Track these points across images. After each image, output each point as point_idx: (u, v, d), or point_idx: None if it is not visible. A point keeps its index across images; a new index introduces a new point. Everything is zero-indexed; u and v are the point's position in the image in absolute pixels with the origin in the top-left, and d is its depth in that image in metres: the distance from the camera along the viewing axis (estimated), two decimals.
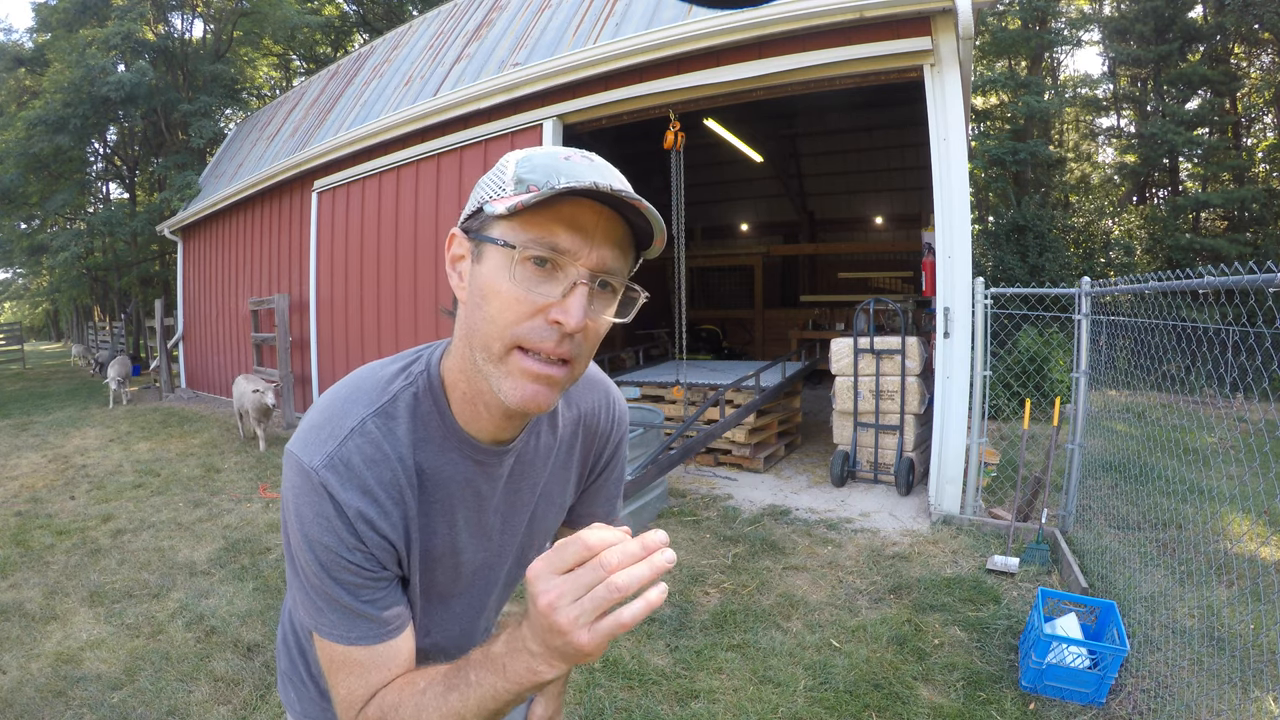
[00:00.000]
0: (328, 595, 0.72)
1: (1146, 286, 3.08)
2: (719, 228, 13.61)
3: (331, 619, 0.73)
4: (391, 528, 0.74)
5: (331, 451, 0.71)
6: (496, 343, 0.68)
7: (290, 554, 0.75)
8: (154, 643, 3.01)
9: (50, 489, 5.56)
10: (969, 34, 4.06)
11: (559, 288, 0.66)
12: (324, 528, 0.70)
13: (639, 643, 2.89)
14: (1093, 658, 2.46)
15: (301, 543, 0.71)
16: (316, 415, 0.75)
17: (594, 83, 5.43)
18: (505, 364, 0.69)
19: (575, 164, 0.68)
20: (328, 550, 0.71)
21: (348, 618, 0.73)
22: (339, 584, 0.72)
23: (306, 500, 0.71)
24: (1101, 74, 17.79)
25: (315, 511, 0.70)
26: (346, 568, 0.72)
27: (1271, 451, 2.65)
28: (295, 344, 8.53)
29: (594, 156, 0.71)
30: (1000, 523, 4.03)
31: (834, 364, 5.22)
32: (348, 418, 0.73)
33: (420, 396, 0.77)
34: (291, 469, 0.72)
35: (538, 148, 0.73)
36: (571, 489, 0.97)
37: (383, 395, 0.75)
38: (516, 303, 0.66)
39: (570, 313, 0.65)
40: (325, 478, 0.70)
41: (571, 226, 0.66)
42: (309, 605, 0.74)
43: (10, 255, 19.74)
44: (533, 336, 0.67)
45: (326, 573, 0.71)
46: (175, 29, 16.38)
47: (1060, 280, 10.24)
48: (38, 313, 46.08)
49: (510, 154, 0.73)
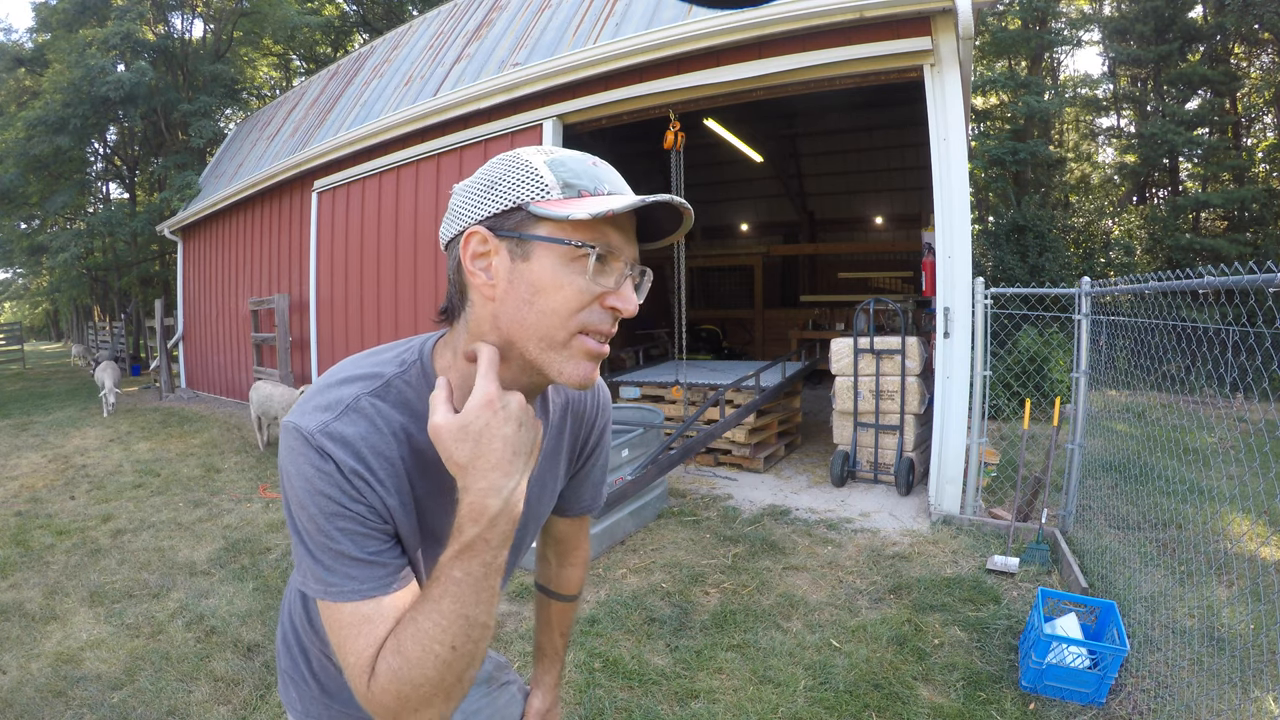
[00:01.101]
0: (333, 550, 0.72)
1: (1146, 286, 3.08)
2: (719, 228, 13.61)
3: (339, 575, 0.72)
4: (386, 494, 0.75)
5: (328, 421, 0.74)
6: (561, 331, 0.74)
7: (294, 524, 0.75)
8: (154, 643, 3.01)
9: (50, 489, 5.56)
10: (969, 34, 4.06)
11: (611, 279, 0.75)
12: (325, 480, 0.72)
13: (639, 643, 2.90)
14: (1093, 658, 2.46)
15: (304, 498, 0.72)
16: (312, 393, 0.78)
17: (594, 83, 5.43)
18: (569, 348, 0.75)
19: (603, 169, 0.77)
20: (329, 500, 0.72)
21: (354, 568, 0.72)
22: (343, 533, 0.72)
23: (305, 458, 0.72)
24: (1101, 74, 17.79)
25: (315, 467, 0.72)
26: (349, 516, 0.73)
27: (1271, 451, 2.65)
28: (295, 344, 8.53)
29: (605, 164, 0.79)
30: (1000, 523, 4.04)
31: (834, 364, 5.22)
32: (345, 393, 0.76)
33: (414, 384, 0.79)
34: (289, 436, 0.74)
35: (556, 149, 0.78)
36: (561, 474, 1.00)
37: (378, 378, 0.79)
38: (581, 294, 0.73)
39: (628, 300, 0.76)
40: (322, 441, 0.73)
41: (617, 227, 0.75)
42: (315, 569, 0.73)
43: (10, 255, 19.73)
44: (594, 320, 0.75)
45: (331, 523, 0.72)
46: (175, 29, 16.39)
47: (1060, 280, 10.24)
48: (38, 313, 46.07)
49: (526, 153, 0.76)
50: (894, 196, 12.01)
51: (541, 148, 0.78)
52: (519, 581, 3.49)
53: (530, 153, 0.76)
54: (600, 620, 3.08)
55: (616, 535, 4.01)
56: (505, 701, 1.17)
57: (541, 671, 1.22)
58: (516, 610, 3.23)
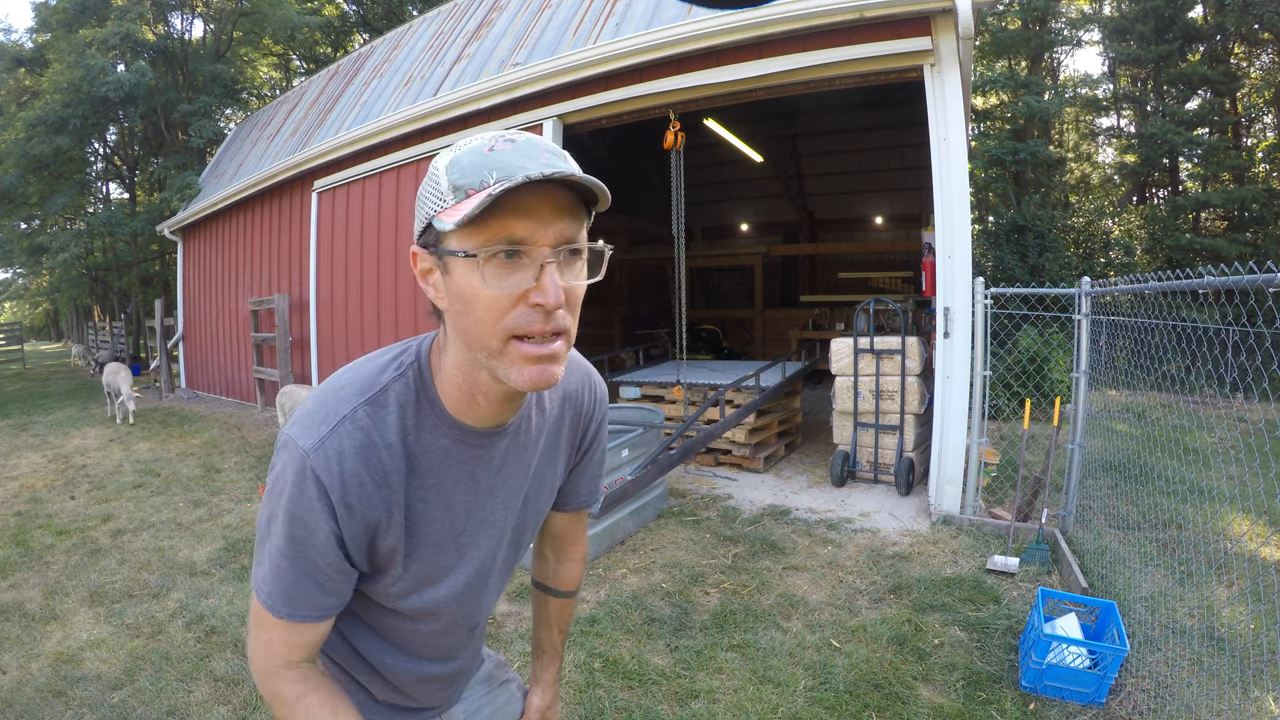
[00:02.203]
0: (288, 572, 0.78)
1: (1146, 286, 3.08)
2: (719, 228, 13.61)
3: (282, 591, 0.78)
4: (371, 511, 0.78)
5: (324, 436, 0.75)
6: (493, 340, 0.71)
7: (264, 528, 0.79)
8: (154, 643, 3.01)
9: (50, 489, 5.56)
10: (969, 34, 4.06)
11: (529, 273, 0.69)
12: (305, 507, 0.75)
13: (639, 643, 2.90)
14: (1093, 658, 2.46)
15: (282, 516, 0.76)
16: (311, 403, 0.80)
17: (594, 83, 5.43)
18: (506, 355, 0.72)
19: (501, 154, 0.69)
20: (304, 526, 0.76)
21: (293, 595, 0.79)
22: (305, 561, 0.77)
23: (294, 478, 0.75)
24: (1101, 74, 17.79)
25: (301, 490, 0.75)
26: (317, 548, 0.77)
27: (1271, 451, 2.65)
28: (295, 344, 8.53)
29: (517, 136, 0.72)
30: (1000, 523, 4.03)
31: (834, 364, 5.21)
32: (341, 405, 0.78)
33: (410, 386, 0.80)
34: (285, 449, 0.77)
35: (464, 144, 0.73)
36: (561, 469, 1.00)
37: (373, 385, 0.79)
38: (496, 300, 0.69)
39: (547, 292, 0.69)
40: (315, 461, 0.75)
41: (521, 214, 0.68)
42: (268, 574, 0.79)
43: (10, 255, 19.72)
44: (523, 323, 0.70)
45: (296, 549, 0.77)
46: (175, 29, 16.39)
47: (1060, 280, 10.24)
48: (38, 313, 46.07)
49: (439, 159, 0.73)
50: (894, 196, 12.01)
51: (459, 143, 0.73)
52: (518, 581, 3.49)
53: (442, 155, 0.73)
54: (600, 620, 3.08)
55: (616, 535, 4.01)
56: (505, 700, 1.17)
57: (540, 669, 1.22)
58: (516, 610, 3.23)
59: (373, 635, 0.93)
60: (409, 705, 1.00)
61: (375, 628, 0.92)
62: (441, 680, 1.01)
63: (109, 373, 8.98)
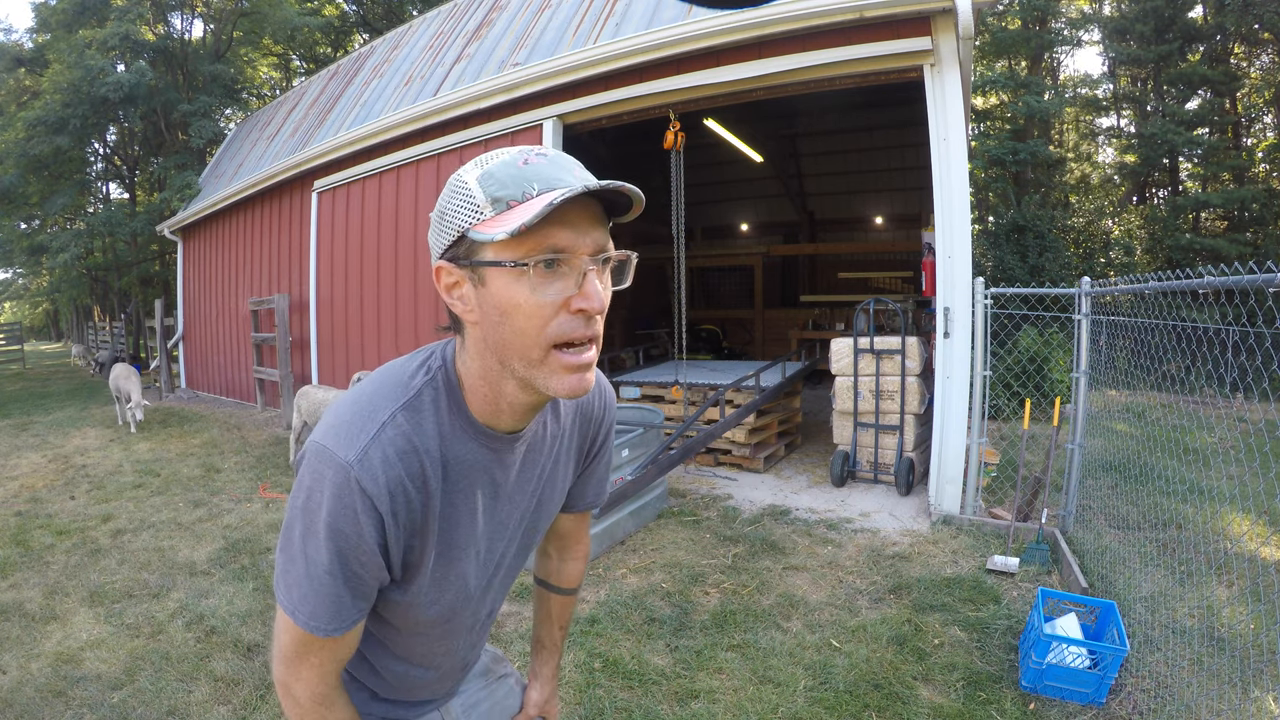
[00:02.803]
0: (330, 588, 0.76)
1: (1146, 286, 3.08)
2: (719, 228, 13.61)
3: (312, 604, 0.77)
4: (414, 518, 0.78)
5: (366, 445, 0.74)
6: (535, 349, 0.73)
7: (298, 541, 0.76)
8: (154, 643, 3.01)
9: (50, 489, 5.56)
10: (969, 34, 4.06)
11: (570, 281, 0.72)
12: (350, 519, 0.73)
13: (639, 643, 2.90)
14: (1093, 658, 2.46)
15: (323, 532, 0.74)
16: (346, 411, 0.78)
17: (594, 83, 5.43)
18: (547, 364, 0.74)
19: (537, 166, 0.71)
20: (347, 539, 0.74)
21: (330, 606, 0.77)
22: (347, 574, 0.76)
23: (334, 491, 0.73)
24: (1101, 74, 17.79)
25: (344, 504, 0.73)
26: (361, 561, 0.76)
27: (1271, 451, 2.65)
28: (295, 344, 8.53)
29: (547, 150, 0.74)
30: (1000, 523, 4.03)
31: (834, 364, 5.22)
32: (379, 411, 0.77)
33: (440, 391, 0.80)
34: (322, 462, 0.74)
35: (492, 158, 0.74)
36: (570, 473, 1.02)
37: (408, 390, 0.79)
38: (540, 309, 0.71)
39: (592, 298, 0.72)
40: (360, 473, 0.73)
41: (564, 224, 0.70)
42: (308, 594, 0.77)
43: (10, 255, 19.73)
44: (565, 330, 0.72)
45: (339, 563, 0.75)
46: (175, 29, 16.39)
47: (1060, 280, 10.24)
48: (38, 313, 46.06)
49: (465, 172, 0.74)
50: (894, 196, 12.01)
51: (482, 158, 0.74)
52: (519, 581, 3.49)
53: (469, 170, 0.74)
54: (600, 620, 3.08)
55: (616, 535, 4.01)
56: (504, 694, 1.18)
57: (540, 664, 1.23)
58: (517, 610, 3.23)
59: (378, 639, 0.93)
60: (410, 700, 1.01)
61: (381, 631, 0.92)
62: (445, 677, 1.02)
63: (118, 375, 8.22)
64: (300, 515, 0.76)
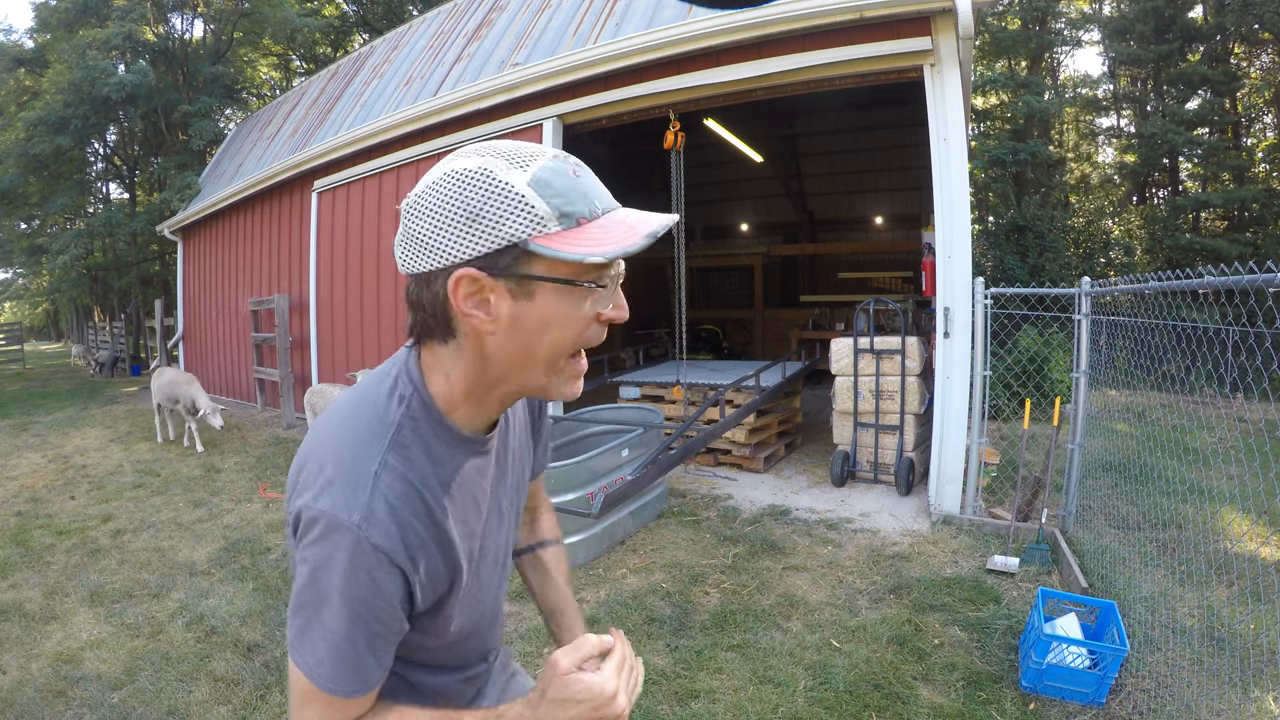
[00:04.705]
0: (351, 652, 0.72)
1: (1146, 286, 3.08)
2: (719, 228, 13.61)
3: (333, 667, 0.73)
4: (430, 557, 0.77)
5: (368, 501, 0.71)
6: (562, 359, 0.74)
7: (310, 611, 0.72)
8: (154, 643, 3.01)
9: (50, 489, 5.56)
10: (969, 34, 4.06)
11: (607, 293, 0.74)
12: (366, 583, 0.71)
13: (639, 643, 2.90)
14: (1093, 658, 2.46)
15: (337, 599, 0.71)
16: (330, 467, 0.73)
17: (594, 83, 5.43)
18: (564, 372, 0.76)
19: (588, 180, 0.72)
20: (364, 604, 0.71)
21: (353, 670, 0.73)
22: (367, 635, 0.73)
23: (348, 556, 0.70)
24: (1101, 74, 17.80)
25: (357, 567, 0.70)
26: (380, 619, 0.73)
27: (1271, 451, 2.65)
28: (295, 344, 8.53)
29: (581, 164, 0.74)
30: (1000, 523, 4.03)
31: (834, 364, 5.21)
32: (368, 460, 0.73)
33: (419, 418, 0.78)
34: (328, 528, 0.70)
35: (533, 161, 0.70)
36: (530, 447, 1.04)
37: (389, 427, 0.75)
38: (583, 321, 0.73)
39: (624, 310, 0.76)
40: (370, 532, 0.70)
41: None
42: (325, 659, 0.73)
43: (10, 255, 19.73)
44: (591, 338, 0.75)
45: (359, 627, 0.72)
46: (175, 29, 16.38)
47: (1060, 280, 10.24)
48: (38, 313, 46.05)
49: (499, 171, 0.68)
50: (894, 196, 12.01)
51: (512, 157, 0.70)
52: (517, 583, 3.49)
53: (505, 170, 0.68)
54: (600, 620, 3.08)
55: (616, 535, 4.01)
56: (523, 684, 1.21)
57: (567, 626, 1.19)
58: (517, 610, 3.23)
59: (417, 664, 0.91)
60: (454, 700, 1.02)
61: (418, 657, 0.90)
62: (480, 673, 1.04)
63: (172, 382, 6.86)
64: (312, 583, 0.71)
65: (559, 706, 0.75)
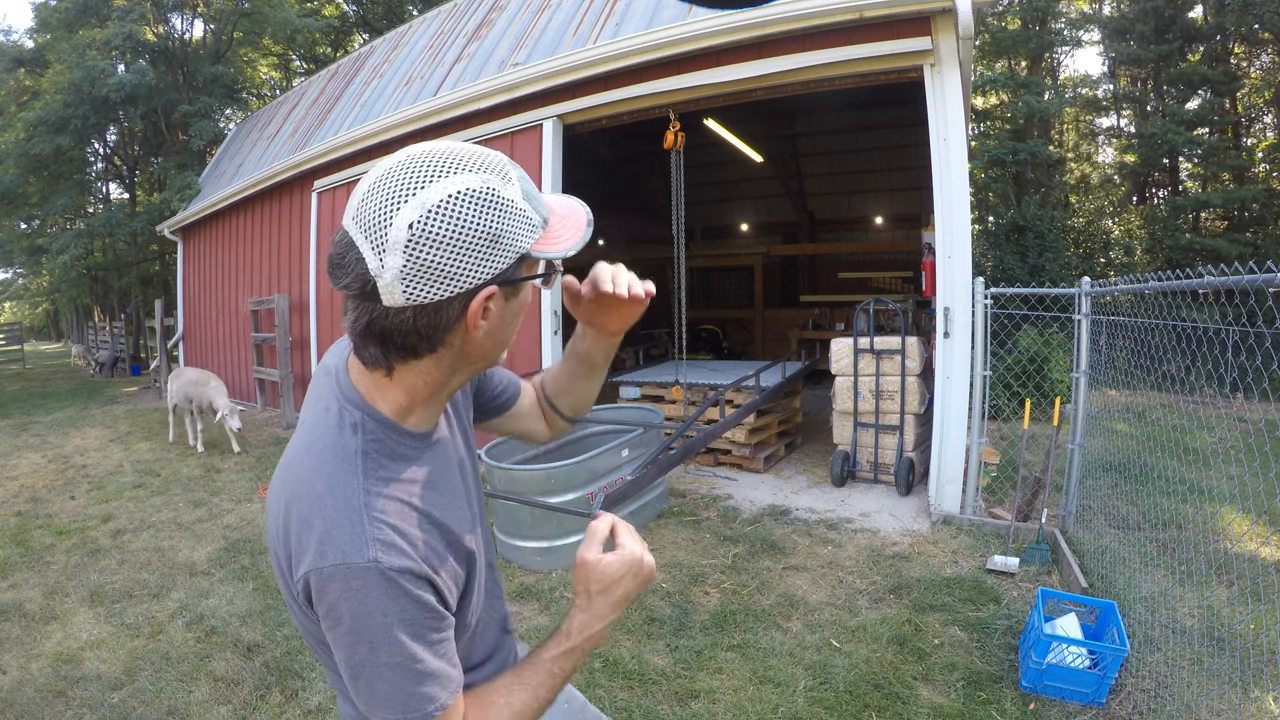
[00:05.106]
0: (419, 673, 0.72)
1: (1146, 286, 3.08)
2: (719, 228, 13.61)
3: (421, 697, 0.73)
4: (443, 560, 0.78)
5: (369, 534, 0.71)
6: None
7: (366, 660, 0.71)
8: (154, 643, 3.01)
9: (50, 489, 5.56)
10: (969, 34, 4.06)
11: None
12: (406, 602, 0.71)
13: (639, 643, 2.90)
14: (1093, 658, 2.46)
15: (389, 631, 0.70)
16: (318, 521, 0.72)
17: (594, 83, 5.43)
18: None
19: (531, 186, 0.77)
20: (415, 621, 0.72)
21: (437, 684, 0.74)
22: (430, 649, 0.73)
23: (380, 589, 0.70)
24: (1101, 74, 17.80)
25: (392, 593, 0.70)
26: (434, 629, 0.74)
27: (1271, 451, 2.65)
28: (295, 344, 8.53)
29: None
30: (1000, 523, 4.03)
31: (834, 364, 5.21)
32: (351, 496, 0.73)
33: (376, 434, 0.78)
34: (346, 576, 0.70)
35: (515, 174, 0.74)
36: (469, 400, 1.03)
37: (355, 456, 0.75)
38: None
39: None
40: (385, 559, 0.70)
41: None
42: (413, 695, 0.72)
43: (10, 255, 19.74)
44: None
45: (419, 644, 0.72)
46: (175, 29, 16.38)
47: (1060, 280, 10.24)
48: (38, 313, 46.05)
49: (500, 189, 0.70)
50: (894, 196, 12.01)
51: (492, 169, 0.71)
52: (517, 581, 3.49)
53: (502, 186, 0.71)
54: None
55: None
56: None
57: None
58: (517, 610, 3.23)
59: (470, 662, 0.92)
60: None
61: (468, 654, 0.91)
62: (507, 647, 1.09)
63: (191, 383, 6.77)
64: (356, 637, 0.70)
65: (607, 592, 0.84)
